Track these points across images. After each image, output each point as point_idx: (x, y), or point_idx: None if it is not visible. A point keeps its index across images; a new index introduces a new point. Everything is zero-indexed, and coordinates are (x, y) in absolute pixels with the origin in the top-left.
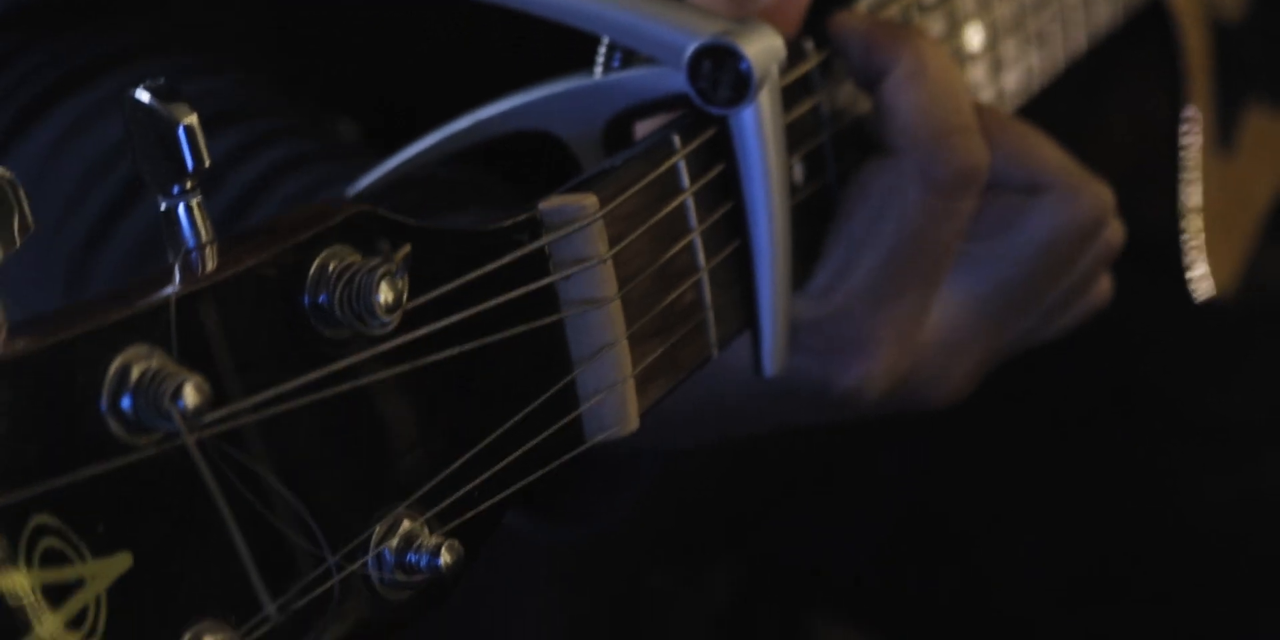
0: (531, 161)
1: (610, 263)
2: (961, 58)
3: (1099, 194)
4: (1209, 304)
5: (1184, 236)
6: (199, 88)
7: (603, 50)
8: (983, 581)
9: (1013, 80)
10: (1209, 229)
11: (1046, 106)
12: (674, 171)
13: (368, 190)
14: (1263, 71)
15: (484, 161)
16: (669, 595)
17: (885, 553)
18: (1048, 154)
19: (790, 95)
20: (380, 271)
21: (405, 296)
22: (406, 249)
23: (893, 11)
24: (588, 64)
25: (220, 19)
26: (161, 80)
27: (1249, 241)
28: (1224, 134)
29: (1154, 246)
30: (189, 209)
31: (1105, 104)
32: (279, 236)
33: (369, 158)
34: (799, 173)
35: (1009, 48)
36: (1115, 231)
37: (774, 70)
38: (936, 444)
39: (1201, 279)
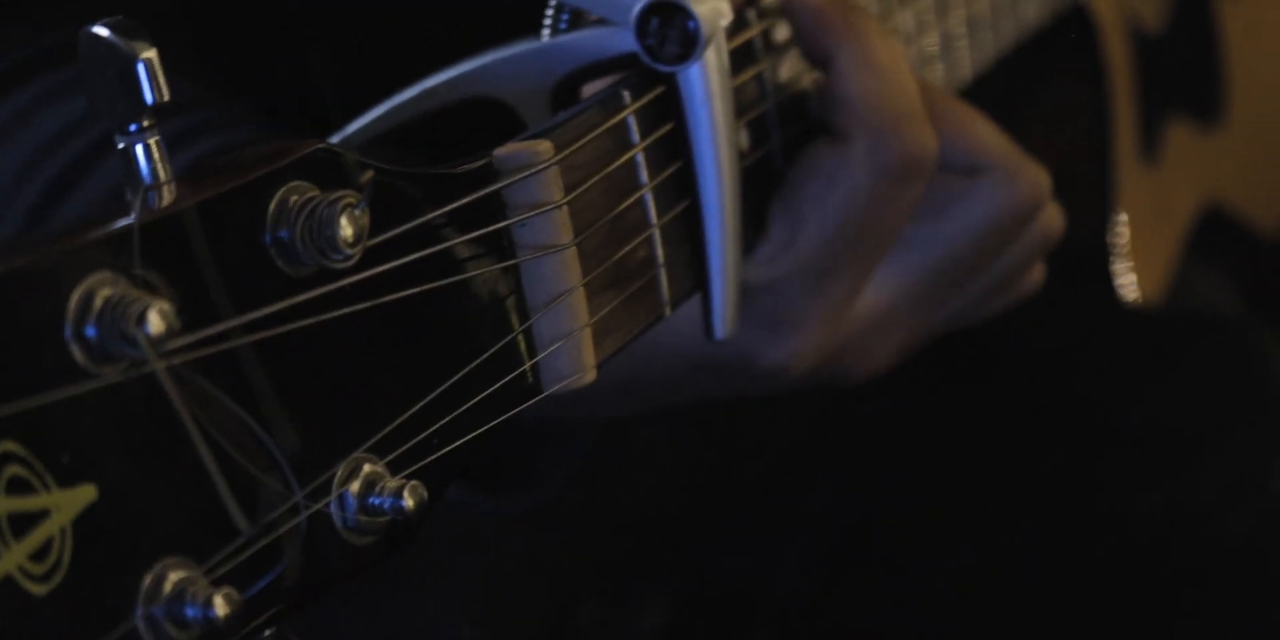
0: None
1: (565, 209)
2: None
3: (1036, 177)
4: (1137, 312)
5: (1111, 243)
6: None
7: (549, 12)
8: (919, 600)
9: (941, 71)
10: (1135, 235)
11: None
12: (624, 125)
13: None
14: (1182, 84)
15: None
16: (602, 622)
17: (822, 575)
18: (987, 136)
19: (734, 61)
20: (341, 204)
21: (366, 231)
22: (369, 174)
23: None
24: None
25: (154, 12)
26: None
27: (1174, 250)
28: (1147, 143)
29: (1080, 255)
30: (147, 147)
31: (1029, 111)
32: (240, 172)
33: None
34: (744, 139)
35: (934, 40)
36: (1051, 216)
37: (721, 29)
38: (869, 462)
39: (1129, 284)
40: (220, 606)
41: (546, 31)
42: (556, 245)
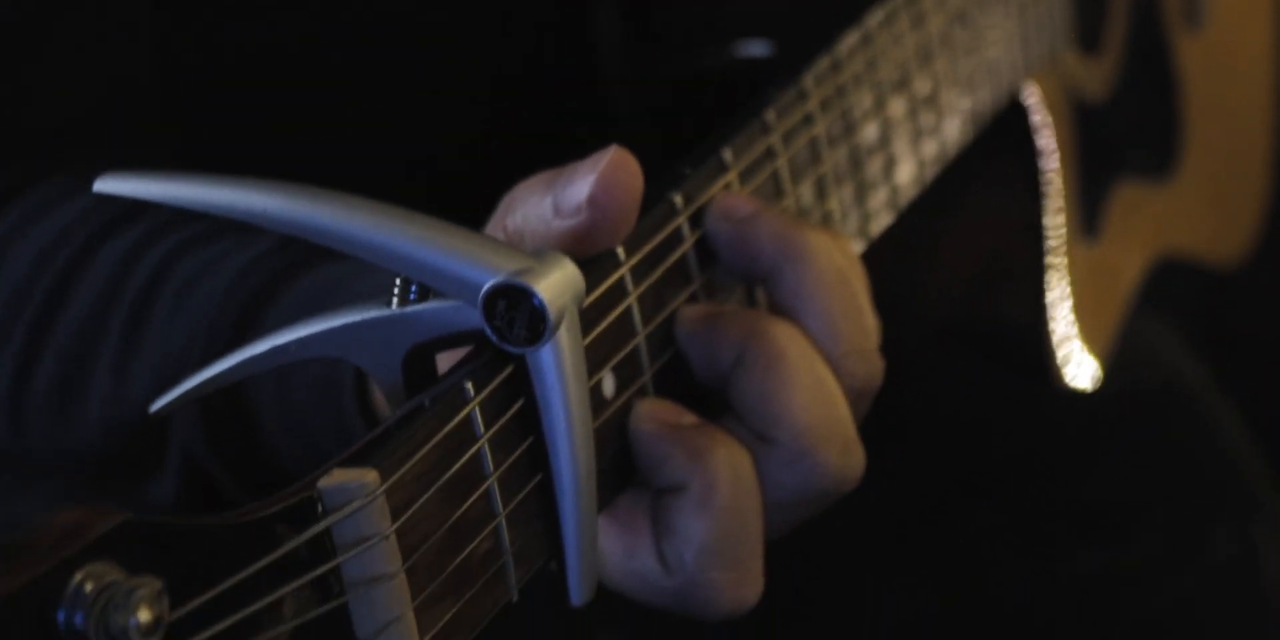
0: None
1: (393, 537)
2: (860, 155)
3: (826, 465)
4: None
5: (1050, 329)
6: (92, 200)
7: (399, 281)
8: None
9: (906, 173)
10: (1080, 319)
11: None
12: (468, 421)
13: (169, 406)
14: (1131, 146)
15: None
16: None
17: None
18: (797, 407)
19: (599, 306)
20: (140, 593)
21: (166, 614)
22: (164, 576)
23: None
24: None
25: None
26: None
27: (1116, 324)
28: (1089, 221)
29: (1018, 342)
30: None
31: (965, 200)
32: (38, 553)
33: (261, 232)
34: (610, 385)
35: (901, 144)
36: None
37: (572, 307)
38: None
39: (1075, 370)
40: None
41: (395, 301)
42: (384, 575)
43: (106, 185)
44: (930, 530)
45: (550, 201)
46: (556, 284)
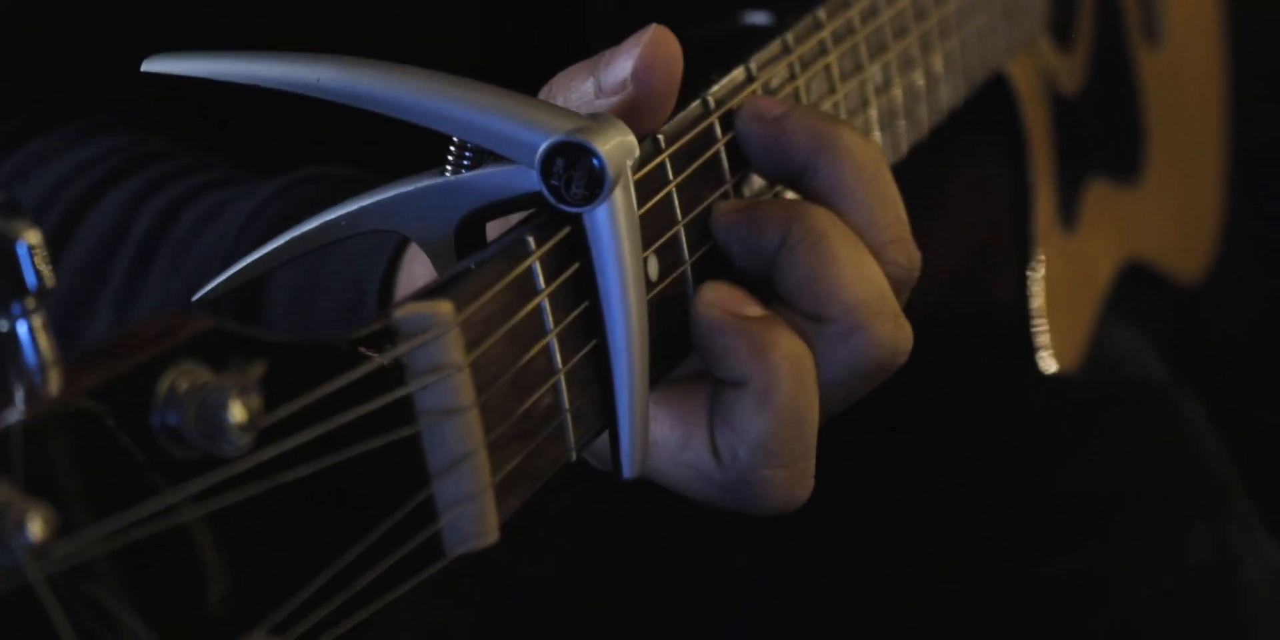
0: None
1: (467, 371)
2: (867, 93)
3: (880, 337)
4: (1056, 380)
5: (1032, 315)
6: (97, 150)
7: (452, 148)
8: None
9: (884, 141)
10: (1053, 306)
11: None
12: (529, 274)
13: (215, 292)
14: (1101, 145)
15: None
16: None
17: None
18: (845, 283)
19: (642, 188)
20: (233, 390)
21: (259, 415)
22: (260, 369)
23: (782, 74)
24: None
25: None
26: (3, 193)
27: (1093, 315)
28: (1066, 210)
29: (1003, 327)
30: (31, 330)
31: (950, 185)
32: (125, 356)
33: (264, 181)
34: (654, 267)
35: (881, 107)
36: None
37: (628, 167)
38: (784, 528)
39: (1047, 355)
40: None
41: (449, 169)
42: (458, 408)
43: (156, 64)
44: (909, 532)
45: (593, 82)
46: (614, 144)
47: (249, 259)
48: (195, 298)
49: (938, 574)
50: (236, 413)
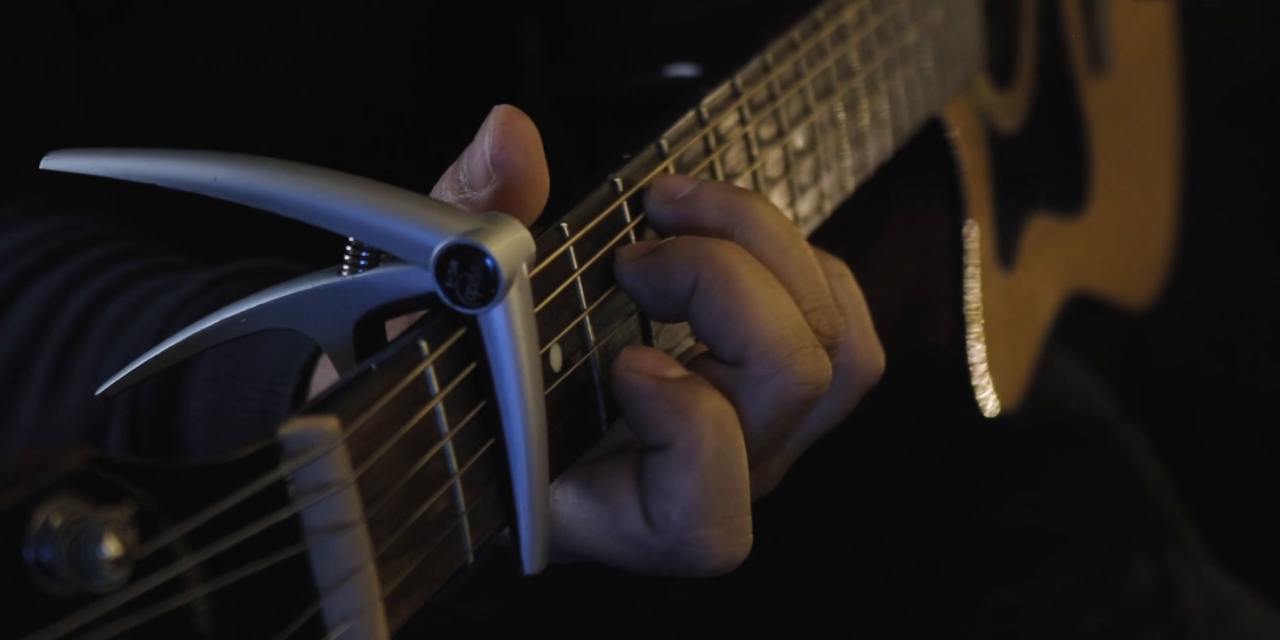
0: None
1: (355, 486)
2: (790, 157)
3: (800, 372)
4: (999, 417)
5: (970, 356)
6: (41, 228)
7: (349, 249)
8: None
9: (807, 205)
10: (993, 346)
11: (828, 235)
12: (422, 379)
13: (117, 388)
14: (1043, 180)
15: None
16: None
17: None
18: (761, 324)
19: (545, 280)
20: (108, 524)
21: (135, 547)
22: (138, 501)
23: (696, 148)
24: None
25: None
26: None
27: (1035, 352)
28: (1005, 249)
29: (942, 370)
30: None
31: (887, 228)
32: (2, 490)
33: (197, 267)
34: (557, 358)
35: (802, 172)
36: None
37: (523, 268)
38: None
39: (987, 396)
40: None
41: (346, 268)
42: (346, 524)
43: (57, 162)
44: (852, 569)
45: (461, 178)
46: (508, 244)
47: (150, 355)
48: (98, 393)
49: (881, 610)
50: (111, 547)
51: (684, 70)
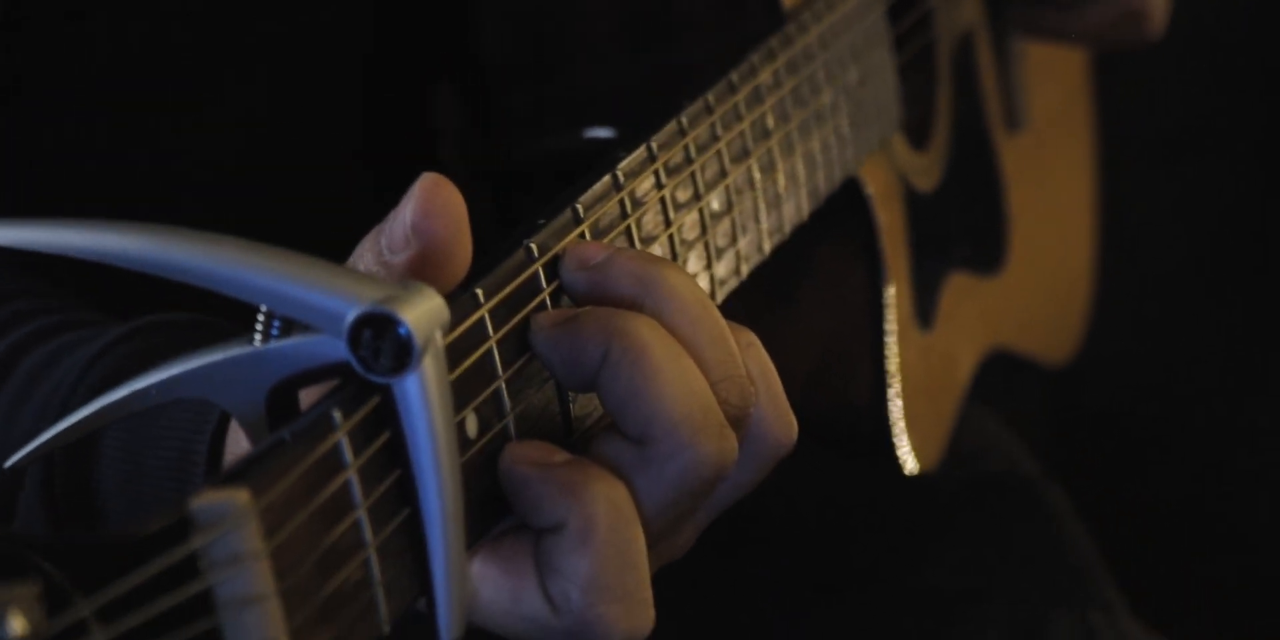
0: None
1: (267, 559)
2: (706, 221)
3: (703, 452)
4: (920, 477)
5: (889, 415)
6: None
7: (260, 317)
8: None
9: (724, 267)
10: (912, 405)
11: (747, 295)
12: (336, 450)
13: (26, 460)
14: (959, 239)
15: None
16: None
17: None
18: (665, 404)
19: (460, 347)
20: (13, 603)
21: (42, 625)
22: (43, 579)
23: (612, 212)
24: None
25: None
26: None
27: (955, 410)
28: (923, 308)
29: (860, 431)
30: None
31: (803, 288)
32: None
33: (108, 325)
34: (473, 425)
35: (719, 234)
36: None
37: (437, 336)
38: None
39: (907, 456)
40: None
41: (258, 337)
42: (258, 597)
43: None
44: (772, 631)
45: (382, 243)
46: (422, 312)
47: (58, 428)
48: (7, 465)
49: None
50: (17, 625)
51: (601, 132)
